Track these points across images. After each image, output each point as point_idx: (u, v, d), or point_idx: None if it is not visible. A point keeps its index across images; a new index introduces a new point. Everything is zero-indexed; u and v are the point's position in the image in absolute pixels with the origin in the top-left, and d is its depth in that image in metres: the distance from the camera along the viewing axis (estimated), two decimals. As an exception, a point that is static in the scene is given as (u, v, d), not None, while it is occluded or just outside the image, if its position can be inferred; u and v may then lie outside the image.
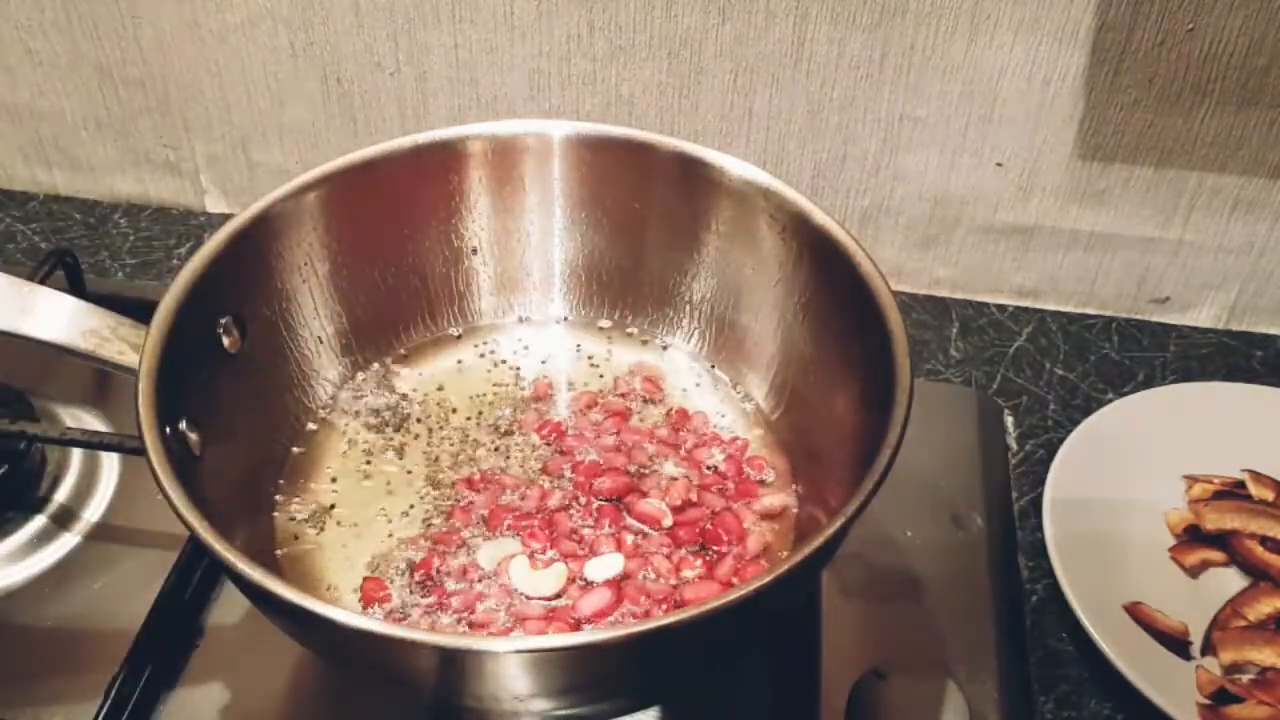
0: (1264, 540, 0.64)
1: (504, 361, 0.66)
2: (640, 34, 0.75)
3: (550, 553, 0.56)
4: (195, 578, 0.60)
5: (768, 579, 0.41)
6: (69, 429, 0.65)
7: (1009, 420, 0.74)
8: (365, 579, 0.54)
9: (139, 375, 0.48)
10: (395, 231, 0.63)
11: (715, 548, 0.56)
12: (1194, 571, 0.64)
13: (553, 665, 0.42)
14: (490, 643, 0.42)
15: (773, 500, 0.58)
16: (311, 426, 0.62)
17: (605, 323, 0.67)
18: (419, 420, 0.63)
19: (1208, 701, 0.57)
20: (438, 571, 0.54)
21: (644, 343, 0.67)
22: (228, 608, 0.60)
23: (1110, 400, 0.73)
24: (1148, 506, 0.67)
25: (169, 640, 0.58)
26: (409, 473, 0.60)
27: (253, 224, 0.56)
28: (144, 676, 0.56)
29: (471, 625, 0.53)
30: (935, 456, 0.68)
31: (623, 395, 0.64)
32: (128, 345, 0.53)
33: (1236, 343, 0.81)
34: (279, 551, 0.56)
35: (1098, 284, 0.81)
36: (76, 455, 0.67)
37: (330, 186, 0.59)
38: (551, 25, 0.75)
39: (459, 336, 0.67)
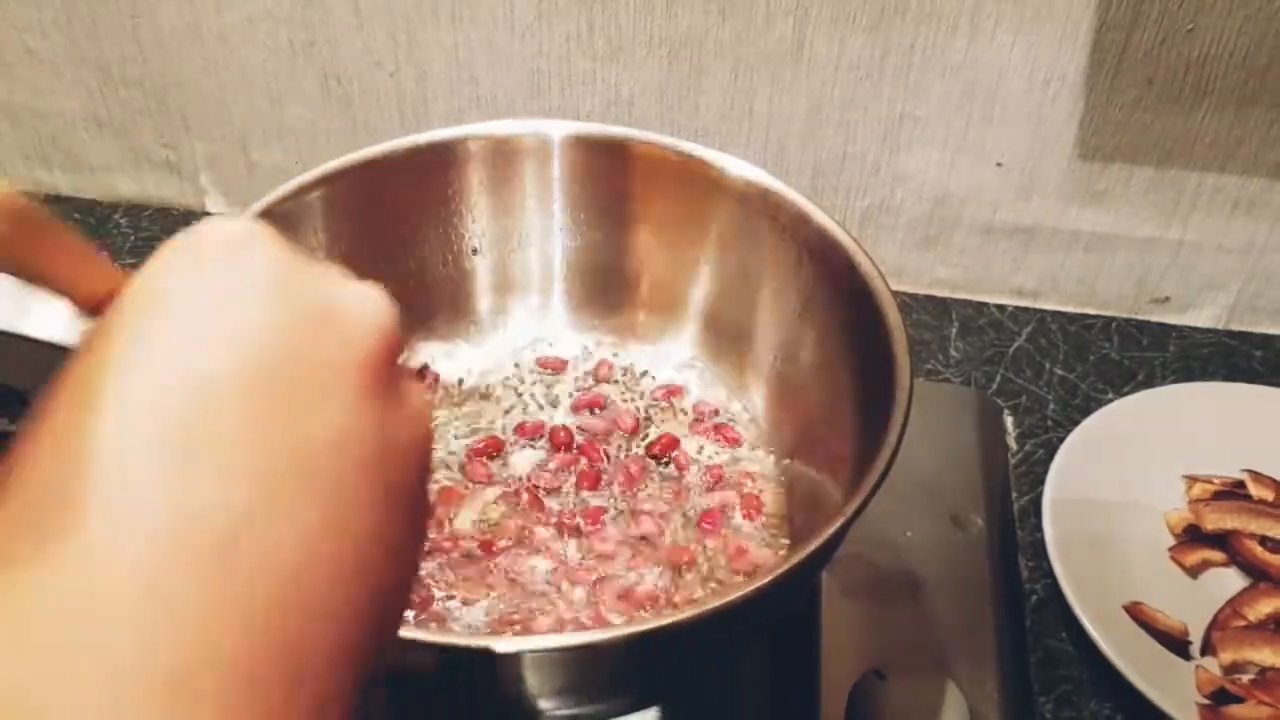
0: (1264, 540, 0.64)
1: (503, 361, 0.66)
2: (640, 34, 0.75)
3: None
4: (195, 578, 0.60)
5: (767, 580, 0.41)
6: (69, 429, 0.65)
7: (1009, 420, 0.74)
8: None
9: (139, 375, 0.48)
10: (395, 231, 0.63)
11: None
12: (1194, 571, 0.64)
13: (553, 665, 0.42)
14: (490, 643, 0.42)
15: (756, 557, 0.57)
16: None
17: (605, 323, 0.67)
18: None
19: (1207, 701, 0.57)
20: (438, 571, 0.54)
21: (644, 343, 0.67)
22: (227, 608, 0.60)
23: (1110, 400, 0.73)
24: (1148, 506, 0.67)
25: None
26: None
27: (252, 224, 0.56)
28: (144, 676, 0.56)
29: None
30: (935, 457, 0.68)
31: (621, 396, 0.64)
32: (127, 345, 0.52)
33: (1236, 343, 0.81)
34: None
35: (1098, 284, 0.81)
36: (76, 455, 0.67)
37: (330, 186, 0.59)
38: (551, 25, 0.75)
39: (459, 336, 0.67)
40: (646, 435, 0.62)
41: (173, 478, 0.22)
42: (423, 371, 0.63)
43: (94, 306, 0.27)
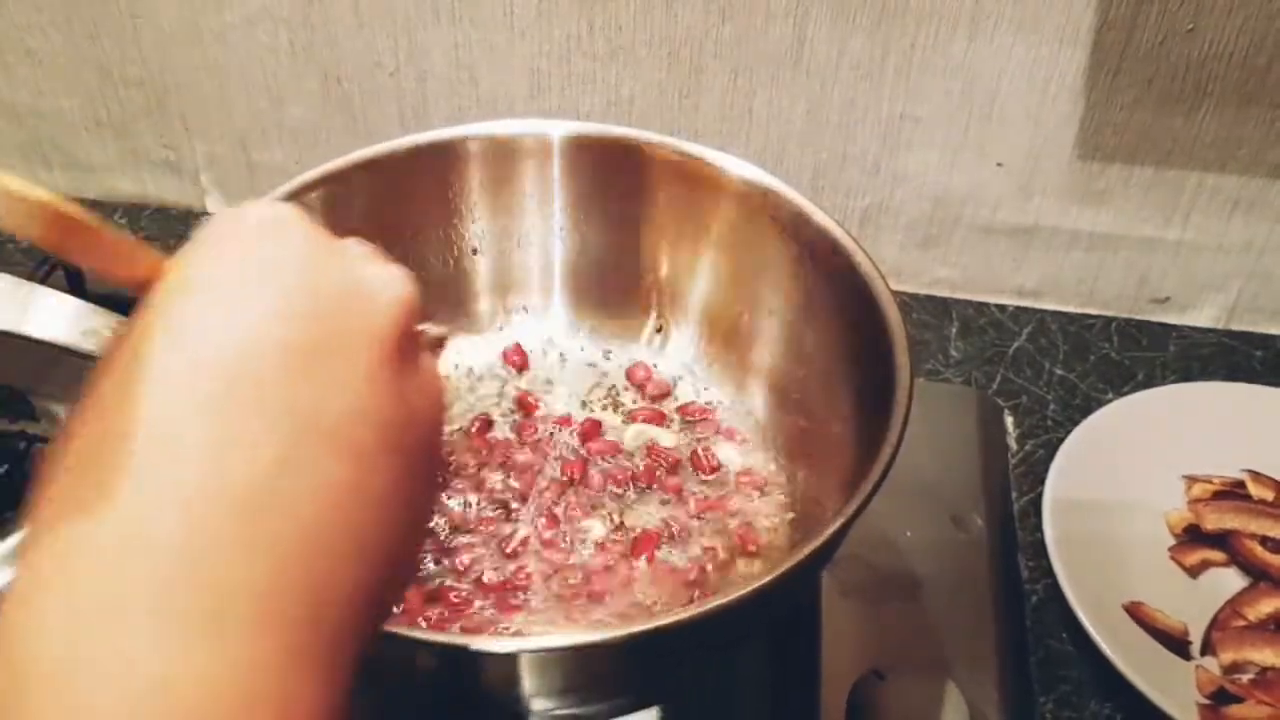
0: (1264, 540, 0.64)
1: (502, 361, 0.66)
2: (640, 34, 0.75)
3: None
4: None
5: (767, 579, 0.41)
6: (69, 429, 0.65)
7: (1009, 420, 0.74)
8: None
9: (139, 375, 0.48)
10: (395, 231, 0.63)
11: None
12: (1194, 571, 0.64)
13: (553, 665, 0.42)
14: (490, 643, 0.42)
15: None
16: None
17: (604, 323, 0.67)
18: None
19: (1207, 701, 0.57)
20: (436, 569, 0.54)
21: (643, 343, 0.67)
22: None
23: (1110, 400, 0.73)
24: (1148, 506, 0.67)
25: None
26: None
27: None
28: (144, 676, 0.56)
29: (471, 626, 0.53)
30: (935, 457, 0.68)
31: (617, 402, 0.64)
32: (128, 345, 0.52)
33: (1236, 343, 0.81)
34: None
35: (1098, 284, 0.81)
36: (76, 455, 0.67)
37: (330, 187, 0.59)
38: (551, 25, 0.75)
39: (458, 336, 0.67)
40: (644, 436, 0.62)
41: (208, 439, 0.25)
42: (440, 341, 0.62)
43: (140, 288, 0.30)
